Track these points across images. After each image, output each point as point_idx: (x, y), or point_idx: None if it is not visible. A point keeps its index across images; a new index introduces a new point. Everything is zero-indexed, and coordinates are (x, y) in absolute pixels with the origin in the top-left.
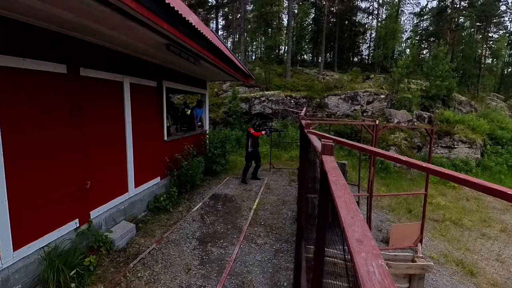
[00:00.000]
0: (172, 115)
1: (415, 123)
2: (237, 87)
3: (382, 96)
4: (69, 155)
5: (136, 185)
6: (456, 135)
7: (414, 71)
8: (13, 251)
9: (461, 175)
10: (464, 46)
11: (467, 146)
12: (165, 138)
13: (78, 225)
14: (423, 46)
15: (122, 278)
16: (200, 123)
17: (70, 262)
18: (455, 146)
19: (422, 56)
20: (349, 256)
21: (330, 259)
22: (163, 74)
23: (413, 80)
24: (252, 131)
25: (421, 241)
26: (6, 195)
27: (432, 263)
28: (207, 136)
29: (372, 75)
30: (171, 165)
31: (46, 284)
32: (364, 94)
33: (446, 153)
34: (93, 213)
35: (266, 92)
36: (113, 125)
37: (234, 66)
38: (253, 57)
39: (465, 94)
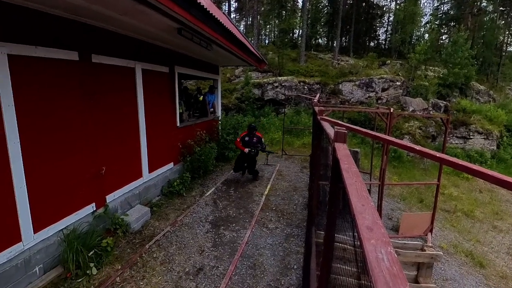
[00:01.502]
0: (184, 101)
1: (431, 112)
2: (249, 73)
3: (397, 83)
4: (84, 142)
5: (150, 170)
6: (472, 125)
7: (432, 57)
8: (34, 234)
9: (475, 167)
10: (486, 32)
11: (483, 137)
12: (178, 124)
13: (94, 208)
14: (442, 31)
15: (138, 258)
16: (212, 109)
17: (88, 244)
18: (471, 137)
19: (441, 41)
20: (358, 243)
21: (340, 244)
22: (175, 59)
23: (431, 67)
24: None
25: (431, 231)
26: (25, 181)
27: (441, 253)
28: (220, 122)
29: (388, 61)
30: (184, 151)
31: (66, 264)
32: (380, 80)
33: (461, 143)
34: (109, 198)
35: (279, 78)
36: (126, 112)
37: (246, 51)
38: (266, 41)
39: (483, 83)
